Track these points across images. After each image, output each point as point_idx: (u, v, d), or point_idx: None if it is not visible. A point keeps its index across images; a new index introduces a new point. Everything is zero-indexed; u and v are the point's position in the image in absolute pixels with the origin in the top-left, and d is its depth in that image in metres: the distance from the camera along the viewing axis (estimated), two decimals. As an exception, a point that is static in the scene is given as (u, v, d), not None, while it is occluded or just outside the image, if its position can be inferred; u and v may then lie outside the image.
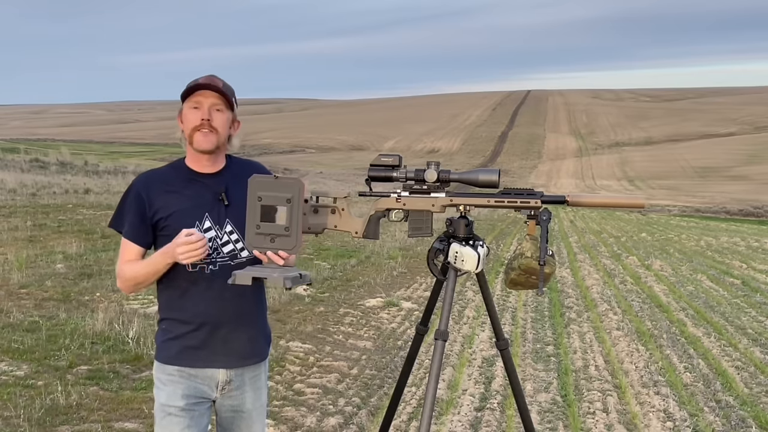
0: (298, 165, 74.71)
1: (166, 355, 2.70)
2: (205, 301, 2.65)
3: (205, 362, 2.68)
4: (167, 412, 2.67)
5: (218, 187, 2.68)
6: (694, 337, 8.40)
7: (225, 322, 2.67)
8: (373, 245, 14.14)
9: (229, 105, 2.65)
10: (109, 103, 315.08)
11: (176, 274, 2.64)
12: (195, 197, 2.66)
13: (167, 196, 2.66)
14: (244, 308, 2.70)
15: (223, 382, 2.71)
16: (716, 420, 5.59)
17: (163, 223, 2.65)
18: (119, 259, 2.71)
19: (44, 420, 4.86)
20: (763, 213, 41.50)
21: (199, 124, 2.60)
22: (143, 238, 2.68)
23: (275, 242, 2.48)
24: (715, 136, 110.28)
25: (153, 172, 2.77)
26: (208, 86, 2.60)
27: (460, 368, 6.72)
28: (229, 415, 2.78)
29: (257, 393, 2.80)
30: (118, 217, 2.71)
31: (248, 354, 2.74)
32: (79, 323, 7.22)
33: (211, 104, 2.62)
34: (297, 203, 2.46)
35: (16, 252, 10.74)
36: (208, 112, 2.61)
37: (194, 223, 2.64)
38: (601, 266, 14.39)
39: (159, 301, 2.75)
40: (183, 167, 2.72)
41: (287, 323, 7.91)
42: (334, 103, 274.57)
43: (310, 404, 5.56)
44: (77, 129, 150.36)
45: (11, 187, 21.40)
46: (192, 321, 2.66)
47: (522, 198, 2.59)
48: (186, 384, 2.68)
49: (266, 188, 2.46)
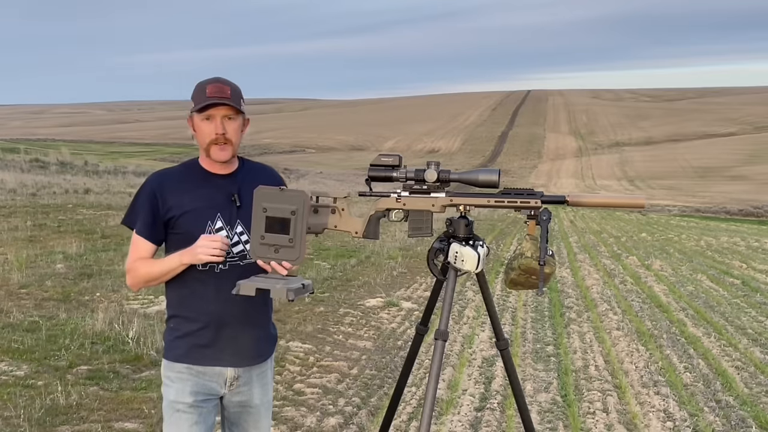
0: (298, 165, 74.68)
1: (174, 354, 2.73)
2: (214, 300, 2.68)
3: (212, 360, 2.71)
4: (176, 408, 2.71)
5: (231, 188, 2.72)
6: (694, 337, 8.40)
7: (232, 321, 2.70)
8: (373, 245, 14.13)
9: (239, 110, 2.68)
10: (109, 103, 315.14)
11: (186, 273, 2.66)
12: (208, 197, 2.70)
13: (181, 195, 2.69)
14: (252, 309, 2.72)
15: (231, 379, 2.75)
16: (716, 420, 5.59)
17: (175, 221, 2.69)
18: (130, 256, 2.74)
19: (44, 420, 4.86)
20: (763, 213, 41.48)
21: (214, 138, 2.65)
22: (155, 236, 2.71)
23: (279, 253, 2.50)
24: (715, 136, 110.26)
25: (167, 171, 2.80)
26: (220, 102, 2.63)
27: (460, 368, 6.72)
28: (237, 410, 2.82)
29: (264, 389, 2.85)
30: (131, 214, 2.75)
31: (255, 353, 2.78)
32: (79, 323, 7.23)
33: (223, 115, 2.66)
34: (301, 215, 2.48)
35: (16, 252, 10.74)
36: (221, 125, 2.65)
37: (206, 223, 2.67)
38: (601, 266, 14.39)
39: (167, 298, 2.78)
40: (197, 167, 2.75)
41: (287, 323, 7.92)
42: (334, 103, 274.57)
43: (310, 404, 5.56)
44: (77, 129, 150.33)
45: (11, 187, 21.39)
46: (200, 319, 2.69)
47: (522, 198, 2.59)
48: (194, 381, 2.71)
49: (271, 200, 2.48)
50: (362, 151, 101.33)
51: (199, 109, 2.64)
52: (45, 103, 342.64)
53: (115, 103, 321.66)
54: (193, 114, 2.68)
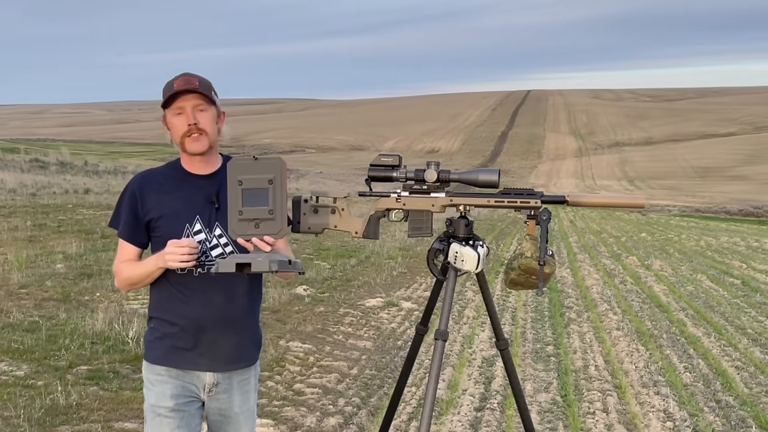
0: (298, 165, 74.66)
1: (153, 355, 2.70)
2: (193, 303, 2.63)
3: (190, 364, 2.66)
4: (156, 413, 2.68)
5: (211, 190, 2.66)
6: (694, 337, 8.40)
7: (211, 325, 2.64)
8: (373, 245, 14.13)
9: (211, 101, 2.63)
10: (109, 103, 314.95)
11: (166, 276, 2.63)
12: (187, 199, 2.65)
13: (160, 197, 2.65)
14: (233, 313, 2.67)
15: (210, 385, 2.70)
16: (716, 420, 5.59)
17: (155, 224, 2.65)
18: (116, 258, 2.72)
19: (44, 420, 4.86)
20: (763, 213, 41.49)
21: (187, 130, 2.59)
22: (137, 238, 2.68)
23: (260, 227, 2.39)
24: (715, 136, 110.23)
25: (149, 172, 2.77)
26: (186, 90, 2.58)
27: (460, 368, 6.72)
28: (216, 419, 2.77)
29: (245, 397, 2.77)
30: (116, 216, 2.72)
31: (234, 359, 2.71)
32: (79, 323, 7.22)
33: (194, 106, 2.60)
34: (280, 184, 2.37)
35: (16, 252, 10.73)
36: (192, 116, 2.59)
37: (184, 226, 2.63)
38: (601, 266, 14.39)
39: (150, 300, 2.75)
40: (178, 168, 2.71)
41: (287, 323, 7.91)
42: (334, 103, 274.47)
43: (310, 404, 5.56)
44: (77, 129, 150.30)
45: (11, 187, 21.39)
46: (178, 323, 2.65)
47: (522, 198, 2.59)
48: (174, 384, 2.67)
49: (246, 171, 2.36)
50: (362, 151, 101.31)
51: (167, 101, 2.59)
52: (45, 103, 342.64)
53: (115, 103, 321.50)
54: (165, 113, 2.62)
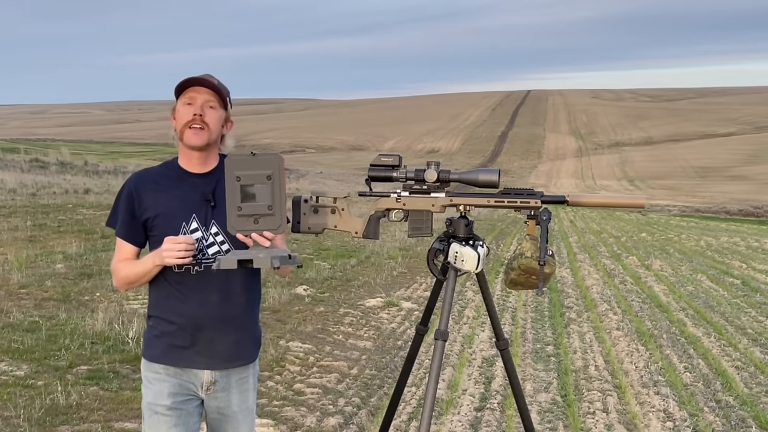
0: (298, 165, 74.65)
1: (151, 353, 2.71)
2: (190, 302, 2.63)
3: (188, 362, 2.66)
4: (154, 410, 2.69)
5: (207, 188, 2.66)
6: (694, 337, 8.39)
7: (209, 324, 2.64)
8: (373, 245, 14.13)
9: (223, 104, 2.64)
10: (109, 103, 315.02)
11: (164, 274, 2.64)
12: (183, 197, 2.65)
13: (157, 195, 2.65)
14: (230, 311, 2.66)
15: (208, 383, 2.69)
16: (716, 420, 5.59)
17: (151, 222, 2.65)
18: (114, 257, 2.72)
19: (44, 420, 4.85)
20: (763, 213, 41.48)
21: (191, 119, 2.58)
22: (134, 237, 2.68)
23: (259, 223, 2.40)
24: (715, 136, 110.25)
25: (146, 171, 2.76)
26: (202, 82, 2.59)
27: (460, 368, 6.72)
28: (215, 417, 2.77)
29: (243, 395, 2.77)
30: (113, 215, 2.72)
31: (232, 357, 2.70)
32: (79, 323, 7.22)
33: (205, 101, 2.60)
34: (278, 179, 2.37)
35: (16, 252, 10.74)
36: (201, 108, 2.59)
37: (180, 224, 2.63)
38: (601, 266, 14.39)
39: (149, 298, 2.75)
40: (175, 166, 2.71)
41: (287, 323, 7.91)
42: (334, 103, 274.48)
43: (310, 404, 5.56)
44: (77, 129, 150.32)
45: (11, 187, 21.39)
46: (176, 321, 2.65)
47: (522, 198, 2.59)
48: (172, 382, 2.67)
49: (244, 167, 2.37)
50: (362, 151, 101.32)
51: (181, 88, 2.59)
52: (45, 103, 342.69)
53: (115, 103, 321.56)
54: (176, 105, 2.62)
